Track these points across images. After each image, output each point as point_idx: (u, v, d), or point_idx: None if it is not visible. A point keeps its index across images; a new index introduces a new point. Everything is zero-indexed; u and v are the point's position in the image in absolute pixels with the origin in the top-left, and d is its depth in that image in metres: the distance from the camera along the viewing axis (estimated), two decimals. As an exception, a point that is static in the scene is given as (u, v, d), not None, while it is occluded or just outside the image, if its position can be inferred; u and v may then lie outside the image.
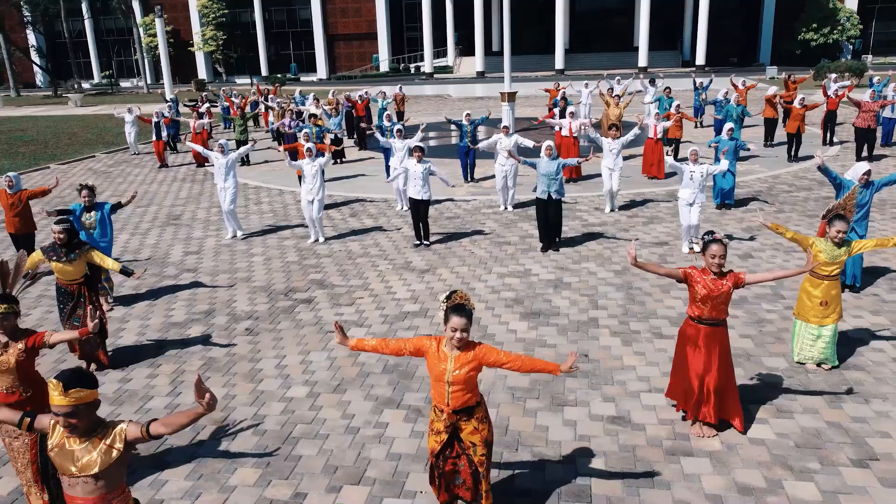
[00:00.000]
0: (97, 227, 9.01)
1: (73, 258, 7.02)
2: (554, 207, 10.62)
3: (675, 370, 5.92)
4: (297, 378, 7.02)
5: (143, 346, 7.91)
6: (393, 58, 59.19)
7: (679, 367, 5.83)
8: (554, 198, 10.55)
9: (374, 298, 9.09)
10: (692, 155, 10.19)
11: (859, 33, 49.74)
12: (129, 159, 21.39)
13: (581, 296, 8.90)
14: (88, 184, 8.96)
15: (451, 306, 4.29)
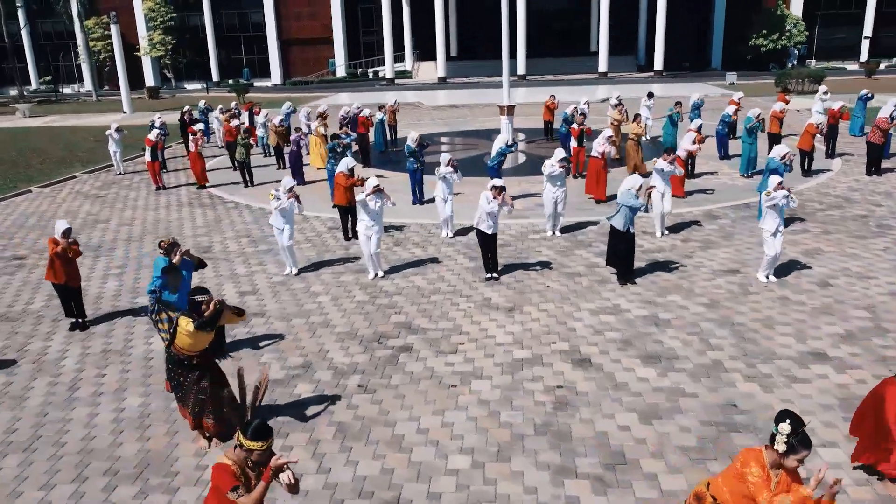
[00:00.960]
0: (181, 286, 8.30)
1: (213, 326, 6.41)
2: (630, 240, 10.47)
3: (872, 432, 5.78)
4: (449, 445, 6.62)
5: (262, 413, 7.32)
6: (349, 63, 58.32)
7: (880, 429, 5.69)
8: (632, 231, 10.40)
9: (475, 344, 8.73)
10: (778, 185, 10.15)
11: (805, 39, 51.69)
12: (117, 180, 20.25)
13: (688, 335, 8.76)
14: (173, 238, 8.25)
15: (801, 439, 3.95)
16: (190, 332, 6.30)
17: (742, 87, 40.83)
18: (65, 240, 9.33)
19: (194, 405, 6.54)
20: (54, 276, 9.46)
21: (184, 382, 6.55)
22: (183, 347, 6.45)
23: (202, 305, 6.36)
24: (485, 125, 28.95)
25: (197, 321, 6.26)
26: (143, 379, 8.17)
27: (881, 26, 52.82)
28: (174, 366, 6.56)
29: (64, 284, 9.52)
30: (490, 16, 58.09)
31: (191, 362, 6.49)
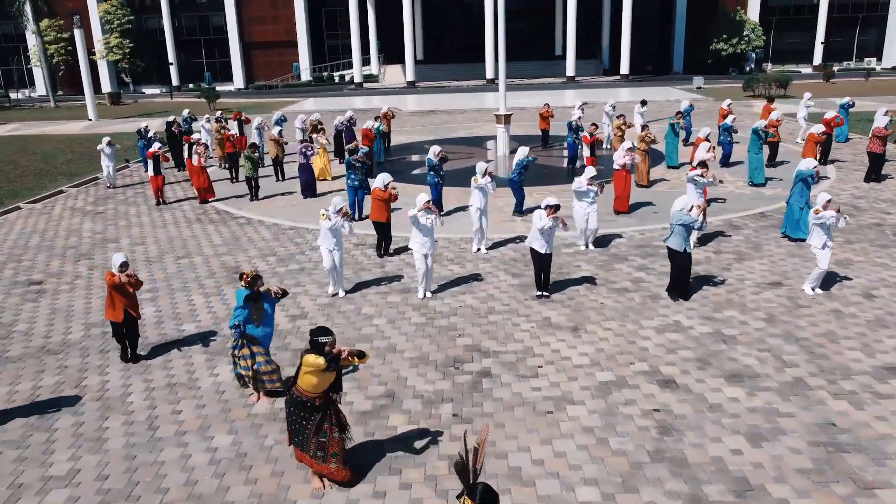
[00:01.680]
0: (264, 320, 8.05)
1: (335, 366, 6.23)
2: (688, 260, 10.60)
3: None
4: (570, 476, 6.58)
5: (366, 448, 7.16)
6: (314, 67, 57.64)
7: None
8: (689, 251, 10.53)
9: (554, 367, 8.72)
10: (825, 203, 10.41)
11: (762, 44, 53.33)
12: (110, 195, 19.56)
13: (759, 351, 8.92)
14: (255, 271, 7.98)
15: None
16: (316, 372, 6.11)
17: (708, 90, 41.91)
18: (122, 273, 8.93)
19: (316, 449, 6.34)
20: (114, 313, 9.06)
21: (305, 426, 6.33)
22: (306, 389, 6.25)
23: (325, 347, 6.18)
24: (473, 132, 28.96)
25: (327, 361, 6.07)
26: (223, 415, 7.90)
27: (832, 31, 54.88)
28: (295, 408, 6.34)
29: (124, 321, 9.12)
30: (455, 20, 58.39)
31: (312, 404, 6.29)
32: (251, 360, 7.94)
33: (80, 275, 12.89)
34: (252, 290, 7.84)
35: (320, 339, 6.17)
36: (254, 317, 7.88)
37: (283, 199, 18.13)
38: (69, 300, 11.63)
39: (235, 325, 7.84)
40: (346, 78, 56.49)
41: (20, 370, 9.19)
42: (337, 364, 6.15)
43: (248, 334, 7.90)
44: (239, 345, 7.95)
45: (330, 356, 6.06)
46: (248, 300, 7.81)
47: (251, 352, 7.93)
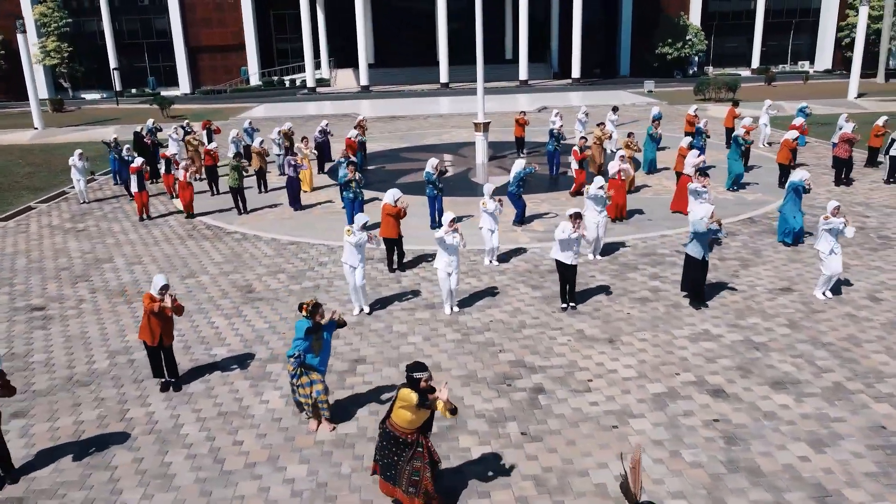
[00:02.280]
0: (322, 348, 7.96)
1: (431, 403, 6.22)
2: (704, 267, 10.99)
3: None
4: (657, 490, 6.78)
5: (448, 473, 7.18)
6: (263, 71, 56.67)
7: None
8: (705, 259, 10.91)
9: (603, 380, 8.93)
10: (834, 210, 10.96)
11: (705, 48, 55.23)
12: (87, 210, 18.85)
13: (792, 357, 9.35)
14: (315, 300, 7.87)
15: None
16: (409, 407, 6.11)
17: (659, 94, 43.15)
18: (163, 297, 8.70)
19: (408, 485, 6.33)
20: (151, 337, 8.81)
21: (397, 461, 6.32)
22: (399, 424, 6.24)
23: (421, 382, 6.19)
24: (443, 138, 29.09)
25: (420, 398, 6.08)
26: (287, 444, 7.80)
27: (768, 36, 57.25)
28: (387, 442, 6.32)
29: (159, 345, 8.89)
30: (405, 23, 58.31)
31: (405, 440, 6.29)
32: (310, 389, 7.85)
33: (83, 298, 12.42)
34: (313, 319, 7.74)
35: (415, 375, 6.18)
36: (313, 346, 7.79)
37: (271, 213, 17.84)
38: (81, 326, 11.20)
39: (295, 356, 7.74)
40: (297, 82, 55.77)
41: (53, 404, 8.83)
42: (426, 400, 6.13)
43: (308, 364, 7.81)
44: (298, 373, 7.85)
45: (421, 392, 6.06)
46: (310, 332, 7.72)
47: (310, 380, 7.84)
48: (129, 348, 10.35)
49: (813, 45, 58.11)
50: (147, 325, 8.78)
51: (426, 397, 6.17)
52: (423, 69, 56.55)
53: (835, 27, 55.61)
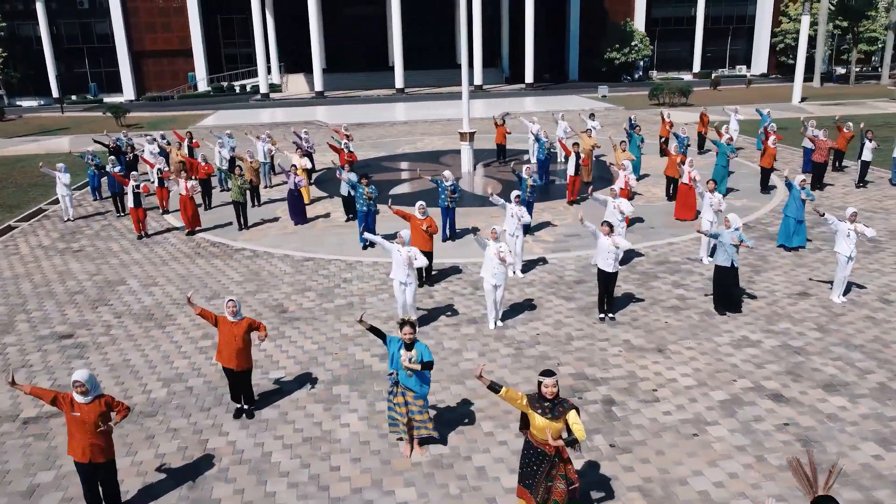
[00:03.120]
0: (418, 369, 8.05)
1: (559, 414, 6.47)
2: (735, 274, 11.58)
3: None
4: (758, 496, 7.21)
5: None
6: (211, 76, 55.49)
7: None
8: (735, 266, 11.50)
9: (667, 389, 9.35)
10: (852, 216, 11.73)
11: (650, 53, 57.11)
12: (75, 228, 18.22)
13: (833, 360, 10.00)
14: (411, 319, 7.98)
15: None
16: (535, 422, 6.36)
17: (613, 99, 44.41)
18: (236, 320, 8.66)
19: (543, 492, 6.59)
20: (224, 358, 8.77)
21: (536, 471, 6.56)
22: (536, 434, 6.49)
23: (542, 388, 6.43)
24: (417, 146, 29.21)
25: (542, 410, 6.33)
26: (385, 467, 7.91)
27: (708, 41, 59.63)
28: (529, 450, 6.57)
29: (234, 368, 8.83)
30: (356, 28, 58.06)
31: (543, 452, 6.53)
32: (405, 409, 7.96)
33: (110, 324, 12.11)
34: (400, 335, 7.84)
35: (539, 379, 6.43)
36: (407, 367, 7.88)
37: (272, 227, 17.69)
38: (121, 354, 10.95)
39: (391, 373, 7.86)
40: (248, 88, 54.85)
41: (125, 437, 8.65)
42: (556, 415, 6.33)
43: (403, 384, 7.91)
44: (395, 392, 7.96)
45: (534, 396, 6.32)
46: (402, 348, 7.83)
47: (405, 400, 7.95)
48: (181, 375, 10.21)
49: (749, 50, 60.82)
50: (221, 348, 8.73)
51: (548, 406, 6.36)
52: (375, 74, 56.51)
53: (769, 33, 58.33)
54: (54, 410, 9.27)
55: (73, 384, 6.82)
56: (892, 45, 51.34)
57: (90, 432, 6.85)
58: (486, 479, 7.64)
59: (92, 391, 6.89)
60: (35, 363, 10.71)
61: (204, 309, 8.71)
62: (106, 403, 6.96)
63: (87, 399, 6.86)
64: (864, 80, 52.05)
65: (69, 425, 6.94)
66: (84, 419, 6.82)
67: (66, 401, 6.86)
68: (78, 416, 6.83)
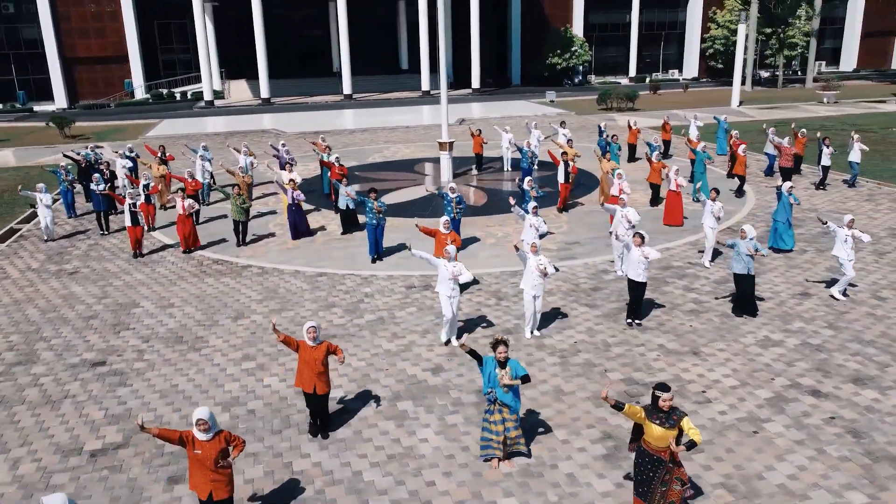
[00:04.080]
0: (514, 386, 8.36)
1: (675, 422, 6.93)
2: (752, 281, 12.38)
3: None
4: (831, 485, 7.89)
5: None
6: (149, 83, 53.82)
7: None
8: (751, 273, 12.30)
9: (714, 390, 10.00)
10: (849, 223, 12.72)
11: (590, 58, 58.85)
12: (62, 249, 17.59)
13: (851, 355, 10.89)
14: (505, 338, 8.29)
15: None
16: (652, 432, 6.81)
17: (562, 104, 45.58)
18: (315, 344, 8.78)
19: (659, 499, 7.03)
20: (305, 383, 8.88)
21: (651, 477, 7.00)
22: (652, 443, 6.93)
23: (660, 402, 6.91)
24: (385, 154, 29.31)
25: (660, 421, 6.79)
26: (476, 479, 8.21)
27: (642, 46, 61.87)
28: (643, 459, 6.99)
29: (313, 393, 8.95)
30: (298, 34, 57.44)
31: (659, 458, 6.98)
32: (502, 426, 8.28)
33: (139, 349, 11.90)
34: (495, 356, 8.16)
35: (656, 393, 6.89)
36: (501, 382, 8.20)
37: (270, 243, 17.60)
38: (165, 379, 10.82)
39: (488, 392, 8.18)
40: (189, 95, 53.46)
41: (204, 465, 8.63)
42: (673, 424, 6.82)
43: (500, 400, 8.24)
44: (492, 410, 8.27)
45: (659, 419, 6.78)
46: (498, 366, 8.16)
47: (502, 417, 8.27)
48: (236, 398, 10.21)
49: (681, 55, 63.41)
50: (301, 372, 8.84)
51: (665, 417, 6.83)
52: (319, 80, 56.11)
53: (699, 39, 61.01)
54: (118, 440, 9.20)
55: (197, 422, 6.86)
56: (814, 51, 54.64)
57: (212, 468, 6.90)
58: (578, 484, 8.05)
59: (212, 428, 6.93)
60: (77, 393, 10.47)
61: (287, 336, 8.78)
62: (225, 439, 7.01)
63: (209, 436, 6.90)
64: (788, 84, 55.14)
65: (191, 463, 6.97)
66: (206, 456, 6.87)
67: (190, 439, 6.87)
68: (200, 454, 6.87)
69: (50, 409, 10.03)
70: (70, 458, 8.87)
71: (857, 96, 45.32)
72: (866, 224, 17.60)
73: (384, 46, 59.61)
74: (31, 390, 10.61)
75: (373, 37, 57.81)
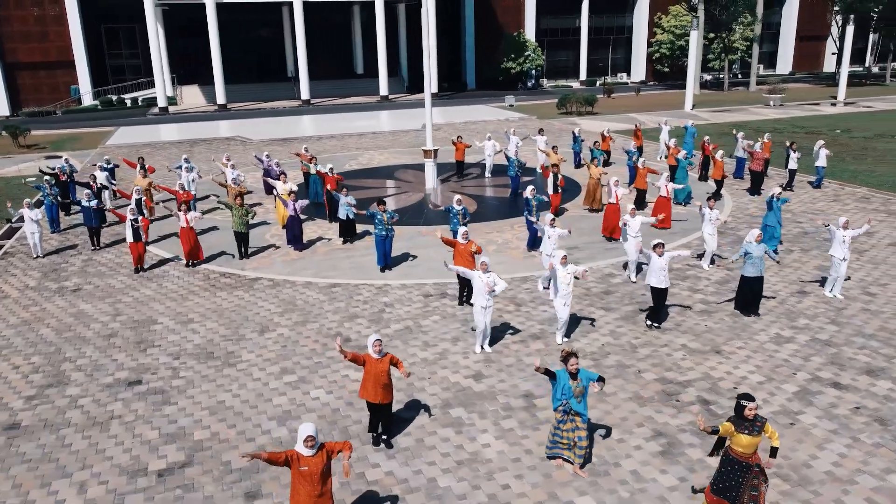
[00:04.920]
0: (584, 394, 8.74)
1: (759, 429, 7.39)
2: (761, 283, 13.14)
3: None
4: (873, 471, 8.62)
5: (706, 480, 8.44)
6: (97, 89, 52.29)
7: None
8: (762, 275, 13.04)
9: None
10: (845, 224, 13.63)
11: (543, 62, 60.08)
12: (54, 266, 17.19)
13: (859, 349, 11.75)
14: (574, 350, 8.69)
15: None
16: (741, 441, 7.30)
17: (521, 108, 46.46)
18: (380, 357, 9.02)
19: (749, 500, 7.47)
20: (370, 394, 9.12)
21: (740, 482, 7.41)
22: (738, 449, 7.40)
23: (746, 411, 7.37)
24: (360, 161, 29.39)
25: (748, 430, 7.30)
26: (549, 480, 8.63)
27: (591, 50, 63.50)
28: (731, 466, 7.44)
29: (378, 403, 9.20)
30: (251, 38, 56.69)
31: (747, 464, 7.43)
32: (574, 434, 8.66)
33: (172, 366, 11.86)
34: (566, 368, 8.56)
35: (742, 402, 7.41)
36: (576, 393, 8.61)
37: (273, 254, 17.61)
38: (208, 397, 10.84)
39: (560, 402, 8.56)
40: (140, 101, 52.18)
41: (277, 479, 8.77)
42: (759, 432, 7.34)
43: (574, 410, 8.62)
44: (565, 420, 8.64)
45: (743, 418, 7.31)
46: (563, 378, 8.56)
47: (575, 426, 8.65)
48: (288, 412, 10.34)
49: (629, 58, 65.33)
50: (366, 385, 9.06)
51: (750, 425, 7.33)
52: (274, 85, 55.66)
53: (646, 43, 63.01)
54: (181, 459, 9.25)
55: (306, 439, 6.98)
56: (757, 55, 57.14)
57: (317, 483, 7.05)
58: (644, 481, 8.56)
59: (317, 443, 7.09)
60: (123, 413, 10.41)
61: (354, 353, 8.96)
62: (327, 453, 7.16)
63: (313, 451, 7.05)
64: (733, 87, 57.51)
65: (294, 480, 7.10)
66: (312, 472, 7.01)
67: (295, 457, 6.99)
68: (305, 470, 7.01)
69: (99, 431, 9.96)
70: (137, 478, 8.87)
71: (797, 99, 47.67)
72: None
73: (338, 51, 59.43)
74: (73, 412, 10.49)
75: (327, 41, 57.56)
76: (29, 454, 9.46)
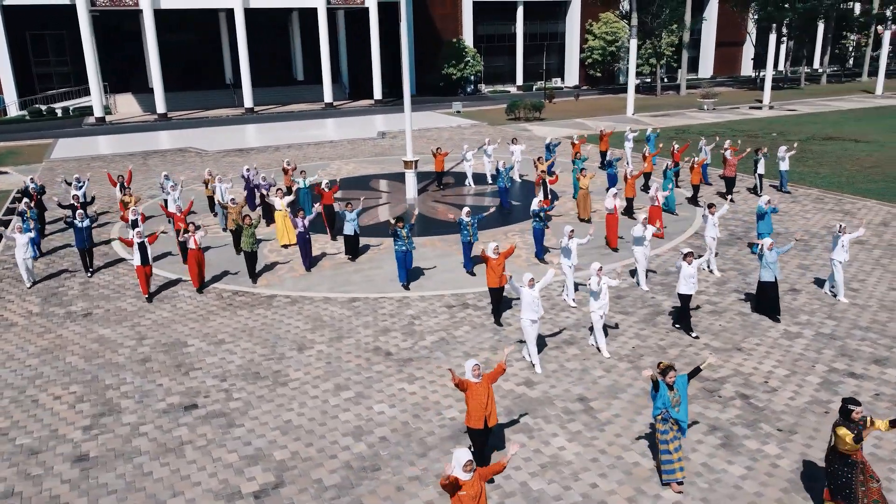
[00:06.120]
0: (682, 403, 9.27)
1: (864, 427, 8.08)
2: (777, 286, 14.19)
3: None
4: (908, 449, 9.74)
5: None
6: (23, 99, 49.86)
7: None
8: (778, 279, 14.10)
9: (773, 380, 11.70)
10: (843, 229, 14.87)
11: (482, 68, 61.20)
12: (54, 291, 16.69)
13: (861, 341, 13.01)
14: (673, 364, 9.23)
15: None
16: (847, 442, 8.03)
17: (469, 114, 47.27)
18: (479, 381, 9.31)
19: (862, 497, 8.25)
20: (474, 421, 9.39)
21: (851, 480, 8.16)
22: (842, 447, 8.18)
23: (853, 414, 8.16)
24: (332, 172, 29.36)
25: (854, 433, 8.07)
26: (630, 478, 9.32)
27: (527, 56, 65.11)
28: (839, 464, 8.19)
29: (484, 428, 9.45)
30: (185, 45, 55.25)
31: (853, 460, 8.22)
32: (678, 442, 9.20)
33: (223, 388, 11.90)
34: (664, 380, 9.16)
35: (849, 406, 8.17)
36: (673, 401, 9.23)
37: (280, 271, 17.66)
38: (273, 417, 10.99)
39: (662, 412, 9.16)
40: (71, 111, 50.06)
41: (371, 494, 9.12)
42: (861, 439, 8.11)
43: (674, 418, 9.19)
44: (666, 430, 9.24)
45: (855, 430, 8.05)
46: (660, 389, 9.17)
47: (674, 435, 9.21)
48: (359, 427, 10.64)
49: (562, 64, 67.31)
50: (471, 413, 9.32)
51: (855, 426, 8.08)
52: (212, 93, 54.58)
53: (578, 49, 65.10)
54: (271, 480, 9.45)
55: (465, 464, 7.08)
56: (685, 61, 59.98)
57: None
58: (716, 472, 9.38)
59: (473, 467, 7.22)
60: (192, 439, 10.45)
61: (460, 378, 9.14)
62: (480, 475, 7.35)
63: (470, 476, 7.17)
64: (664, 92, 60.18)
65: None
66: (471, 495, 7.09)
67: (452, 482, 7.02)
68: (465, 494, 7.12)
69: (175, 457, 10.00)
70: (235, 501, 9.02)
71: (728, 103, 50.48)
72: (804, 224, 20.41)
73: (278, 57, 58.74)
74: (140, 440, 10.46)
75: (266, 47, 56.71)
76: (111, 485, 9.43)
